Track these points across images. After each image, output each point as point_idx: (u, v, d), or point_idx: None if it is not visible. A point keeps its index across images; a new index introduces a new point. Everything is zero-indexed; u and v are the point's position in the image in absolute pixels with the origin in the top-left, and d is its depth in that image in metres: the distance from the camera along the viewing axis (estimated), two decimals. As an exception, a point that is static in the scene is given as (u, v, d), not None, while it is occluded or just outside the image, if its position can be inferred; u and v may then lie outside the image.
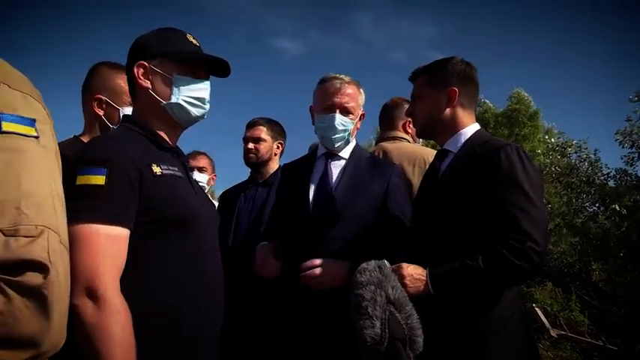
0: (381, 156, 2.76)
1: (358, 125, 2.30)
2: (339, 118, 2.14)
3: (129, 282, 1.27)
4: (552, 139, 14.83)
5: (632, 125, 10.97)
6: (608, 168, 11.91)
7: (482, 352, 1.60)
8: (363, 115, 2.29)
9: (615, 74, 36.88)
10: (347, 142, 2.25)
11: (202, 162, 3.77)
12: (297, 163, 2.42)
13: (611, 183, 11.69)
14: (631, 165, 11.27)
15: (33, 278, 0.76)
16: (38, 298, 0.76)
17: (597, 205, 11.92)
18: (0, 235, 0.75)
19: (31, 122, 0.87)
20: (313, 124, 2.28)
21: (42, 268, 0.77)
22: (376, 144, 3.11)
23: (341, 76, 2.21)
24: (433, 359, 1.04)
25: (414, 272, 1.65)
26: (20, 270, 0.75)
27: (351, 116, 2.19)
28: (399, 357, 0.97)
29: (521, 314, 1.72)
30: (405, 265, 1.64)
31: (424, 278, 1.63)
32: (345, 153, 2.25)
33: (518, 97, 17.83)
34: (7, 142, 0.81)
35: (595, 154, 12.12)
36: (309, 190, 2.14)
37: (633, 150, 11.00)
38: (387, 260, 1.78)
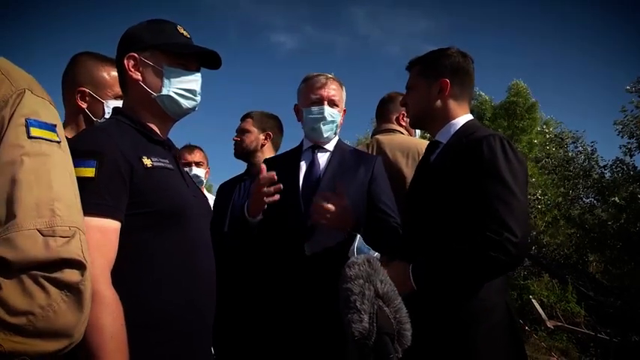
0: (374, 147, 2.80)
1: (341, 120, 2.33)
2: (328, 110, 2.21)
3: (120, 275, 1.26)
4: (550, 129, 14.85)
5: (629, 116, 11.00)
6: (605, 160, 11.96)
7: (466, 343, 1.61)
8: (344, 111, 2.37)
9: (613, 65, 36.84)
10: (335, 134, 2.30)
11: (198, 156, 3.73)
12: (281, 157, 2.46)
13: (607, 174, 11.73)
14: (631, 156, 11.29)
15: (71, 275, 0.81)
16: (75, 293, 0.82)
17: (594, 196, 11.98)
18: (39, 236, 0.80)
19: (53, 127, 0.91)
20: (299, 120, 2.33)
21: (80, 265, 0.83)
22: (372, 137, 3.12)
23: (325, 73, 2.28)
24: (418, 351, 1.04)
25: (397, 269, 1.65)
26: (59, 267, 0.80)
27: (337, 109, 2.25)
28: (386, 351, 0.97)
29: (506, 306, 1.71)
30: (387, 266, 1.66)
31: (407, 274, 1.65)
32: (330, 146, 2.30)
33: (517, 89, 17.79)
34: (35, 147, 0.86)
35: (592, 146, 12.16)
36: (298, 180, 2.19)
37: (632, 140, 11.02)
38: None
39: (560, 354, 6.92)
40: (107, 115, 1.88)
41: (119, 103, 1.87)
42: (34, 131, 0.86)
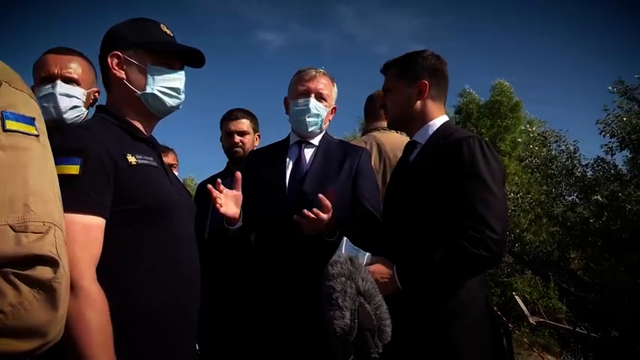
0: (374, 147, 2.81)
1: (330, 117, 2.34)
2: (313, 102, 2.19)
3: (105, 271, 1.27)
4: (534, 128, 15.01)
5: (611, 115, 11.11)
6: (586, 159, 12.10)
7: (446, 338, 1.65)
8: (334, 108, 2.34)
9: (596, 65, 37.41)
10: (320, 129, 2.29)
11: (172, 158, 3.63)
12: (266, 149, 2.44)
13: (589, 172, 11.87)
14: (612, 155, 11.42)
15: (43, 272, 0.78)
16: (48, 290, 0.78)
17: (576, 194, 12.13)
18: (10, 231, 0.76)
19: (31, 121, 0.88)
20: (287, 113, 2.33)
21: (52, 262, 0.80)
22: (363, 134, 3.13)
23: (316, 68, 2.28)
24: (399, 347, 1.07)
25: (382, 270, 1.69)
26: (30, 264, 0.77)
27: (324, 103, 2.24)
28: (367, 346, 0.99)
29: (485, 301, 1.77)
30: (372, 267, 1.68)
31: (392, 274, 1.68)
32: (316, 140, 2.31)
33: (500, 88, 17.95)
34: (11, 140, 0.82)
35: (574, 145, 12.28)
36: (285, 174, 2.19)
37: (614, 140, 11.14)
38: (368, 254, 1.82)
39: (542, 349, 7.02)
40: None
41: (45, 88, 1.87)
42: (10, 124, 0.83)
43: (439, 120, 1.91)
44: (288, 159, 2.25)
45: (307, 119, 2.20)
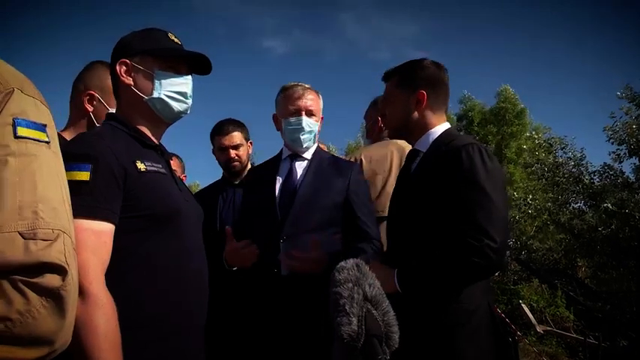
0: (396, 153, 2.85)
1: (319, 128, 2.42)
2: (306, 120, 2.28)
3: (112, 277, 1.28)
4: (540, 135, 14.99)
5: (619, 123, 11.05)
6: (594, 166, 12.03)
7: (449, 344, 1.65)
8: (322, 118, 2.43)
9: (606, 71, 37.34)
10: (313, 143, 2.38)
11: (174, 164, 3.66)
12: (261, 166, 2.57)
13: (596, 179, 11.80)
14: (620, 162, 11.35)
15: (51, 280, 0.78)
16: (56, 298, 0.78)
17: (584, 202, 12.05)
18: (19, 238, 0.76)
19: (42, 128, 0.89)
20: (278, 130, 2.42)
21: (60, 270, 0.80)
22: (369, 138, 3.13)
23: (301, 83, 2.36)
24: (401, 353, 1.06)
25: (381, 270, 1.69)
26: (39, 272, 0.77)
27: (314, 118, 2.33)
28: (375, 353, 0.99)
29: (489, 308, 1.75)
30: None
31: (392, 276, 1.69)
32: (308, 154, 2.38)
33: (505, 95, 17.93)
34: (22, 147, 0.83)
35: (581, 152, 12.23)
36: (274, 189, 2.27)
37: (622, 147, 11.07)
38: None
39: (549, 359, 6.95)
40: None
41: None
42: (21, 131, 0.84)
43: (440, 127, 1.90)
44: (278, 175, 2.33)
45: (302, 137, 2.29)
